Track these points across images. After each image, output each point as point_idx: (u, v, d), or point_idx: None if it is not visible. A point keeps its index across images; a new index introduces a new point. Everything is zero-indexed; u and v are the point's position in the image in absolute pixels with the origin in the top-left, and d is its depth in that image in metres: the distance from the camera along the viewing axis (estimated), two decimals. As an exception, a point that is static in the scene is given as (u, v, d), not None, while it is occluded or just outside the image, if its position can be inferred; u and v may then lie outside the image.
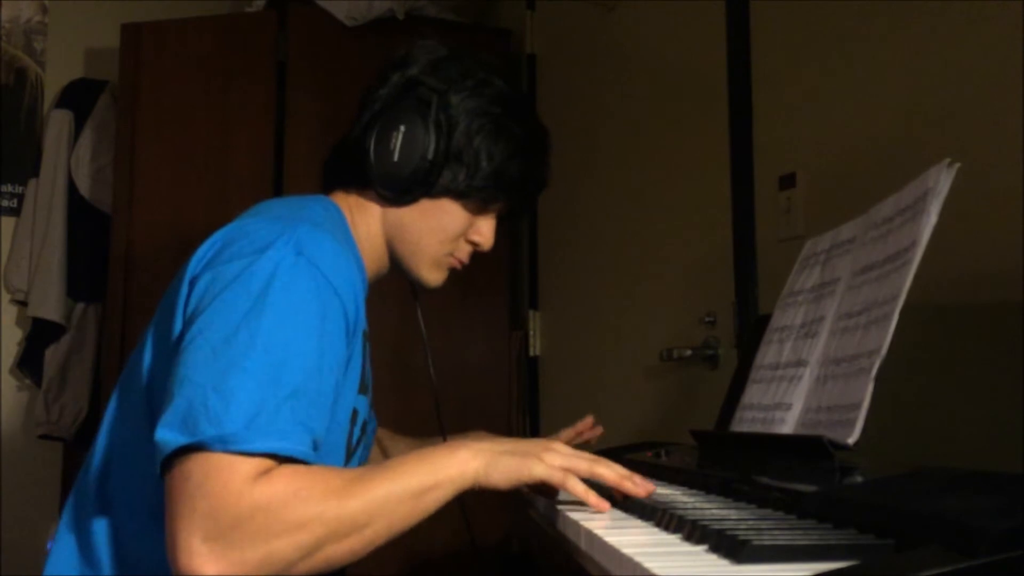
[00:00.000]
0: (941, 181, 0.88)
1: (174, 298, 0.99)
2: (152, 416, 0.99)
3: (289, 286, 0.92)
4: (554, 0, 2.78)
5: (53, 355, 3.01)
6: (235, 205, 3.07)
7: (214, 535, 0.79)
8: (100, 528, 1.03)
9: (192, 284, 0.97)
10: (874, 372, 0.87)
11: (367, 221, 1.15)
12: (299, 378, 0.88)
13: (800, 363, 1.07)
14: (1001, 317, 1.10)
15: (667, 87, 2.07)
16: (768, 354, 1.17)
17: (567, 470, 0.90)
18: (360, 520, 0.84)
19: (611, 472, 0.92)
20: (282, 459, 0.85)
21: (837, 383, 0.96)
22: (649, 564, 0.60)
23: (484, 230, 1.18)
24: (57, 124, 3.11)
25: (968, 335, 1.17)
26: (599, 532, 0.75)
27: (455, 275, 1.22)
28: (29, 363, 3.07)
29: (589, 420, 1.45)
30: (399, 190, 1.11)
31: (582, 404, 2.48)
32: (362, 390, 1.11)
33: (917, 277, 0.87)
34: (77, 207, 3.06)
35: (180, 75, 2.78)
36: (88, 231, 3.04)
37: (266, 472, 0.83)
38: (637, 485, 0.91)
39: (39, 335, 3.03)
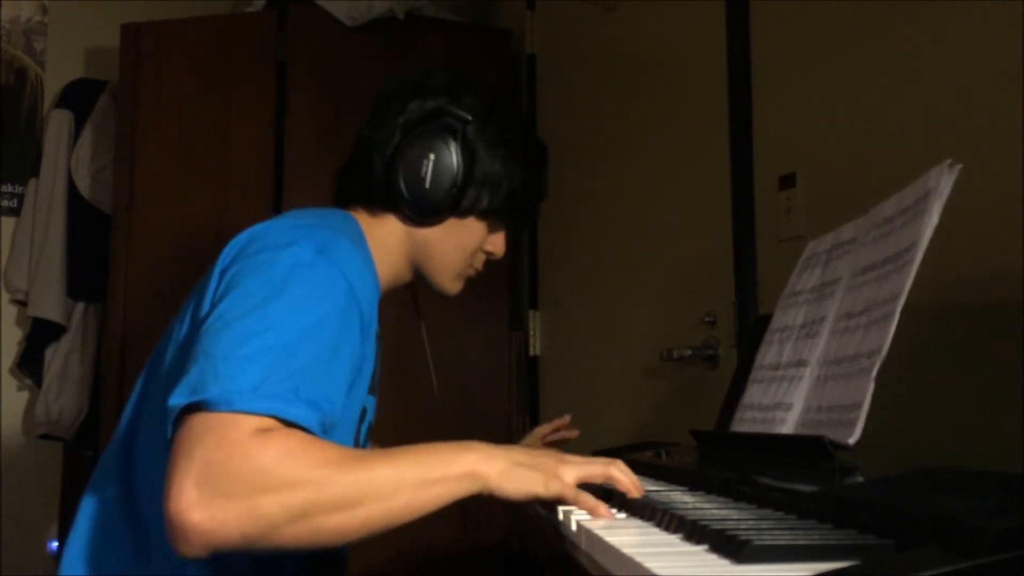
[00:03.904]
0: (943, 182, 0.88)
1: (204, 288, 1.05)
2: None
3: (308, 278, 0.97)
4: (554, 0, 2.78)
5: (53, 355, 3.02)
6: (235, 205, 3.05)
7: (204, 481, 0.80)
8: (118, 487, 1.09)
9: (222, 275, 1.03)
10: (875, 372, 0.87)
11: (386, 238, 1.23)
12: (311, 360, 0.91)
13: (801, 363, 1.07)
14: (1001, 317, 1.10)
15: (667, 87, 2.07)
16: (769, 354, 1.17)
17: (584, 479, 0.92)
18: (352, 496, 0.84)
19: (625, 477, 0.94)
20: (285, 424, 0.86)
21: (838, 383, 0.96)
22: (649, 564, 0.60)
23: (498, 241, 1.31)
24: (57, 124, 3.11)
25: (968, 335, 1.17)
26: (599, 532, 0.75)
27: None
28: (29, 363, 3.07)
29: (567, 419, 1.58)
30: (429, 214, 1.21)
31: (582, 404, 2.48)
32: (372, 390, 1.17)
33: (918, 277, 0.87)
34: (77, 207, 3.06)
35: (180, 75, 2.77)
36: (88, 231, 3.04)
37: (267, 430, 0.84)
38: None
39: (39, 335, 3.04)
